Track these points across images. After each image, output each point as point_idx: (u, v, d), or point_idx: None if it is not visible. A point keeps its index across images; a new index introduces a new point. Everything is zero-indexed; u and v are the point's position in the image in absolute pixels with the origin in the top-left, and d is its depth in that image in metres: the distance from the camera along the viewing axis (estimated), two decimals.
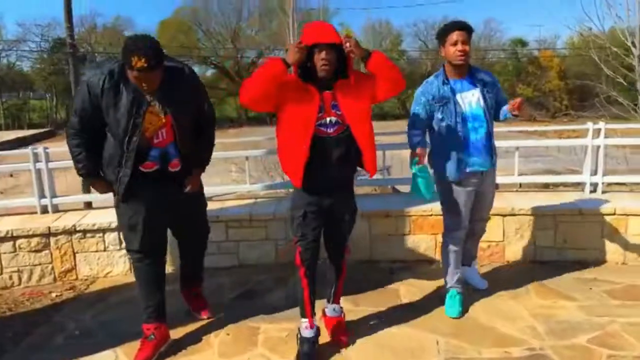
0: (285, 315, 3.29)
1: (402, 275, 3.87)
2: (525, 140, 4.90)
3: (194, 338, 3.06)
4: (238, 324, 3.20)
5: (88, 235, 4.06)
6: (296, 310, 3.26)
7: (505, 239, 4.03)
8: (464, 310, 3.22)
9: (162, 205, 2.87)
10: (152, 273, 2.93)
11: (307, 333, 2.80)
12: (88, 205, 5.20)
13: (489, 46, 39.10)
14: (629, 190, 4.44)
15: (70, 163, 2.94)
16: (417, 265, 4.05)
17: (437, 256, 4.10)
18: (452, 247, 3.26)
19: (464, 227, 3.21)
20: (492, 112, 3.10)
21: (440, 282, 3.71)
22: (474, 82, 3.06)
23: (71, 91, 14.83)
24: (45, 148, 4.37)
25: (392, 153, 4.72)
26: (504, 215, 4.00)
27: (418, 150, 2.99)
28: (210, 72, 39.23)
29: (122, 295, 3.73)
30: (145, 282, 2.93)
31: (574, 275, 3.71)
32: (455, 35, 2.94)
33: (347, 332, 2.96)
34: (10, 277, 4.02)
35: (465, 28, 2.96)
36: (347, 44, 2.51)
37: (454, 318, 3.16)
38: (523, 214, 3.98)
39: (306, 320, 2.81)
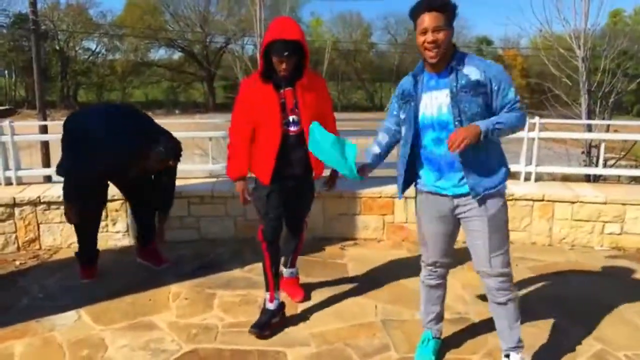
0: (240, 284, 3.56)
1: (351, 251, 4.20)
2: None
3: (153, 303, 3.30)
4: (196, 291, 3.46)
5: (52, 207, 4.21)
6: (250, 279, 3.58)
7: None
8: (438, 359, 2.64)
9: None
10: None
11: (269, 305, 2.96)
12: (48, 179, 5.35)
13: (456, 42, 39.98)
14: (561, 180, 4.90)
15: (34, 138, 3.20)
16: (366, 243, 4.38)
17: (384, 235, 4.45)
18: (423, 281, 2.65)
19: (432, 263, 2.55)
20: (475, 120, 2.20)
21: (385, 257, 4.07)
22: (449, 79, 2.24)
23: (32, 69, 14.58)
24: (11, 121, 4.48)
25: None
26: None
27: (364, 170, 2.50)
28: (177, 56, 38.76)
29: None
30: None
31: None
32: (425, 21, 2.15)
33: (302, 289, 3.34)
34: None
35: (437, 8, 2.15)
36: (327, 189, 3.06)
37: None
38: None
39: (268, 294, 2.97)
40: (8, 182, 4.49)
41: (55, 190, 4.29)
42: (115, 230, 4.28)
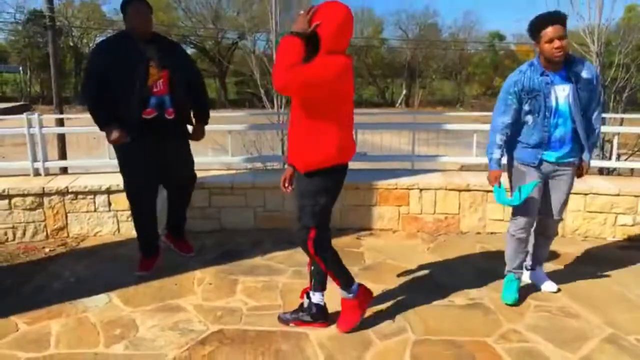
0: (262, 271, 3.70)
1: (367, 241, 4.31)
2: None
3: (179, 287, 3.45)
4: (219, 277, 3.60)
5: (79, 196, 4.37)
6: (271, 267, 3.72)
7: (460, 211, 4.49)
8: (521, 298, 3.20)
9: (156, 154, 3.49)
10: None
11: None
12: (64, 171, 5.54)
13: (468, 38, 39.92)
14: None
15: (64, 130, 3.44)
16: (381, 233, 4.49)
17: (400, 226, 4.56)
18: (514, 233, 3.21)
19: (530, 216, 3.15)
20: (582, 109, 2.96)
21: (400, 246, 4.18)
22: (568, 76, 2.93)
23: (47, 64, 14.81)
24: (39, 114, 4.65)
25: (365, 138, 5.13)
26: (460, 191, 4.47)
27: (493, 174, 3.10)
28: (190, 52, 38.96)
29: (114, 251, 4.10)
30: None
31: None
32: (550, 32, 2.81)
33: (351, 318, 2.89)
34: (5, 233, 4.31)
35: (560, 21, 2.82)
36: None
37: (508, 305, 3.13)
38: (476, 190, 4.44)
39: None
40: (37, 173, 4.66)
41: (83, 181, 4.46)
42: None
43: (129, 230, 4.38)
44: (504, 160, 3.18)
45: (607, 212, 4.30)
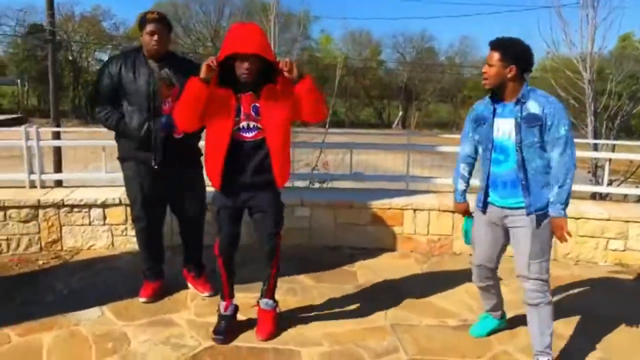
0: (253, 286, 3.69)
1: (360, 260, 4.33)
2: None
3: (172, 302, 3.45)
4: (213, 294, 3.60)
5: (75, 209, 4.38)
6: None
7: (454, 233, 4.53)
8: (489, 334, 3.09)
9: (166, 177, 3.33)
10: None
11: (225, 312, 3.09)
12: (59, 184, 5.56)
13: (464, 62, 40.51)
14: None
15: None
16: (375, 252, 4.51)
17: (393, 246, 4.59)
18: (475, 281, 3.03)
19: (482, 265, 2.91)
20: (532, 149, 2.57)
21: (393, 266, 4.21)
22: (514, 109, 2.59)
23: (45, 77, 14.88)
24: (38, 127, 4.69)
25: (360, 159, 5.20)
26: (453, 212, 4.49)
27: (457, 207, 2.99)
28: None
29: (107, 264, 4.11)
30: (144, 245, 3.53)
31: (510, 265, 4.22)
32: (488, 55, 2.62)
33: (272, 327, 3.03)
34: None
35: (495, 48, 2.59)
36: (283, 66, 2.67)
37: (474, 337, 3.07)
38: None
39: (224, 302, 3.11)
40: (32, 185, 4.68)
41: (78, 194, 4.48)
42: (134, 234, 4.43)
43: (123, 244, 4.40)
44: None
45: (598, 237, 4.35)
